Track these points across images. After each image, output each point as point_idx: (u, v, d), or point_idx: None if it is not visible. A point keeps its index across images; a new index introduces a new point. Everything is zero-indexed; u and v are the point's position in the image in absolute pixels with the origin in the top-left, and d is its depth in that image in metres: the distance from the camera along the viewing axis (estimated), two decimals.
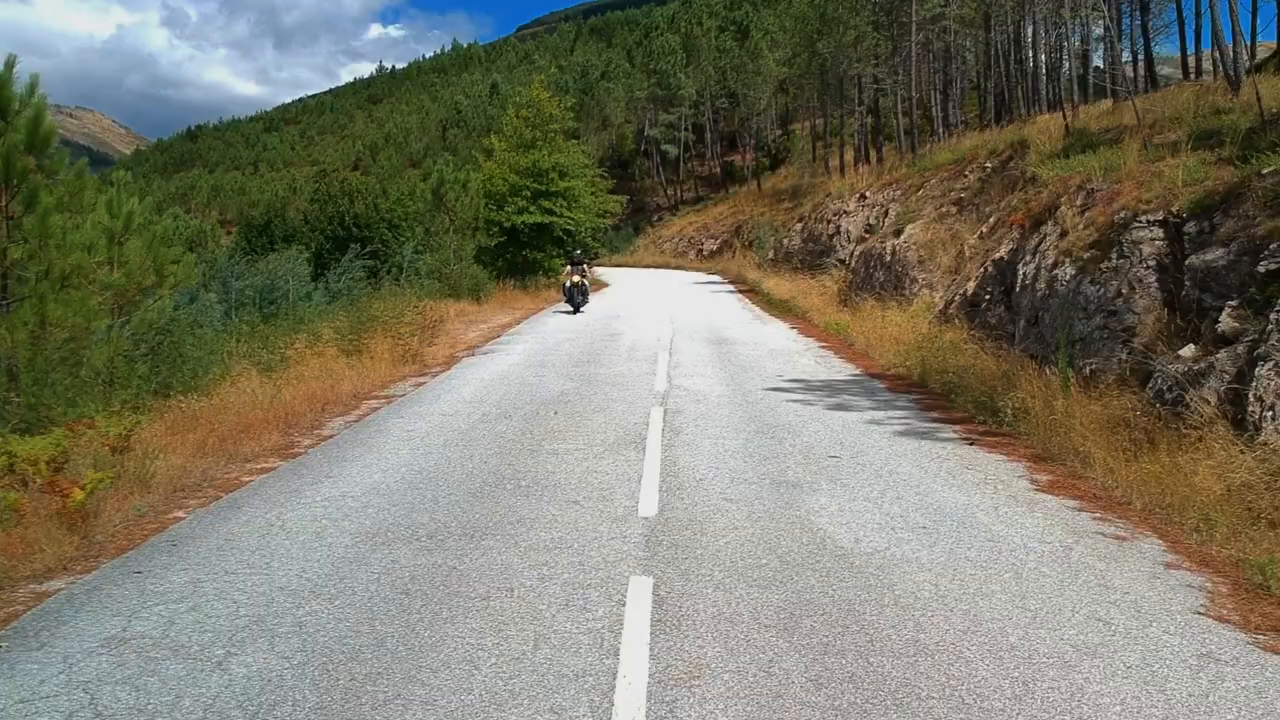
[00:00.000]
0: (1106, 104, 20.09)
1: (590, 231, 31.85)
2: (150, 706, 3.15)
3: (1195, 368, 6.88)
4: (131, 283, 9.53)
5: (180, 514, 5.49)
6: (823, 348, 13.36)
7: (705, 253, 47.65)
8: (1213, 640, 3.60)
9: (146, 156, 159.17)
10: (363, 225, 32.83)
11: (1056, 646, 3.53)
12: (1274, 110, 10.67)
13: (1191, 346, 7.18)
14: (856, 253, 19.42)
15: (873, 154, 33.80)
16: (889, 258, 16.79)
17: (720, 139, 64.58)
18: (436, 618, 3.86)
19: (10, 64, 9.22)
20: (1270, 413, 5.97)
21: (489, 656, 3.49)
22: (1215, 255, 7.46)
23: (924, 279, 15.40)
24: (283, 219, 48.63)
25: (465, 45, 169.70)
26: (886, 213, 19.50)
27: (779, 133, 61.21)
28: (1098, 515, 5.25)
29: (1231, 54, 15.72)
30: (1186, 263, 7.75)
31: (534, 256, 27.07)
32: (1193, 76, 23.10)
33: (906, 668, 3.36)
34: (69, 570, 4.57)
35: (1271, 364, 6.15)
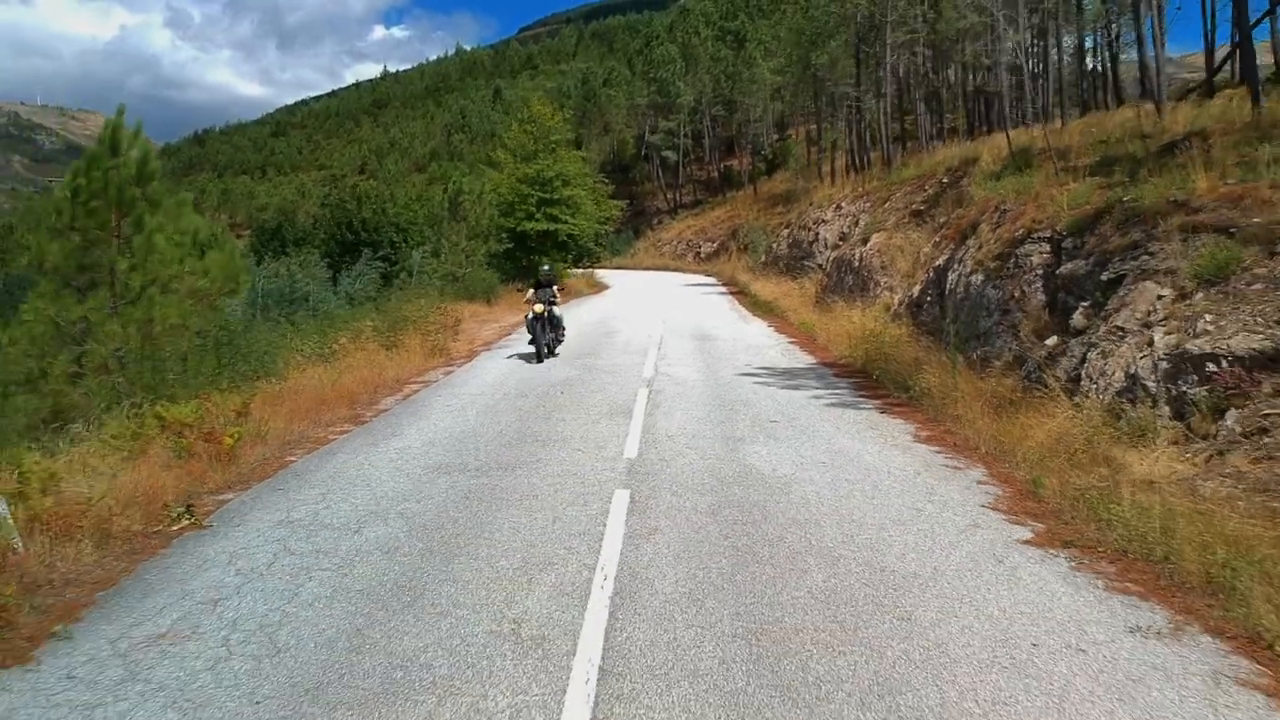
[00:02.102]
0: (1059, 124, 22.18)
1: (593, 236, 34.04)
2: (321, 549, 5.25)
3: (1053, 354, 8.96)
4: (214, 288, 11.64)
5: (292, 458, 7.59)
6: (790, 343, 15.44)
7: (703, 255, 49.64)
8: (982, 518, 5.68)
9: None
10: (371, 229, 34.74)
11: (879, 520, 5.62)
12: (1179, 134, 12.74)
13: (1054, 338, 9.25)
14: (831, 258, 21.49)
15: (859, 160, 35.83)
16: (857, 263, 18.86)
17: (719, 144, 66.63)
18: (490, 509, 5.95)
19: (121, 111, 11.40)
20: (1094, 386, 8.05)
21: (525, 527, 5.58)
22: (1078, 265, 9.53)
23: (885, 283, 17.46)
24: (293, 223, 50.32)
25: (469, 49, 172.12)
26: (857, 222, 21.56)
27: (775, 138, 63.21)
28: (950, 456, 7.34)
29: (1156, 83, 17.80)
30: (1058, 271, 9.83)
31: (540, 261, 29.17)
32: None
33: (783, 529, 5.45)
34: (231, 489, 6.67)
35: (1098, 350, 8.22)
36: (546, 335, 13.46)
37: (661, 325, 18.34)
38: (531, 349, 13.47)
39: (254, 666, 3.85)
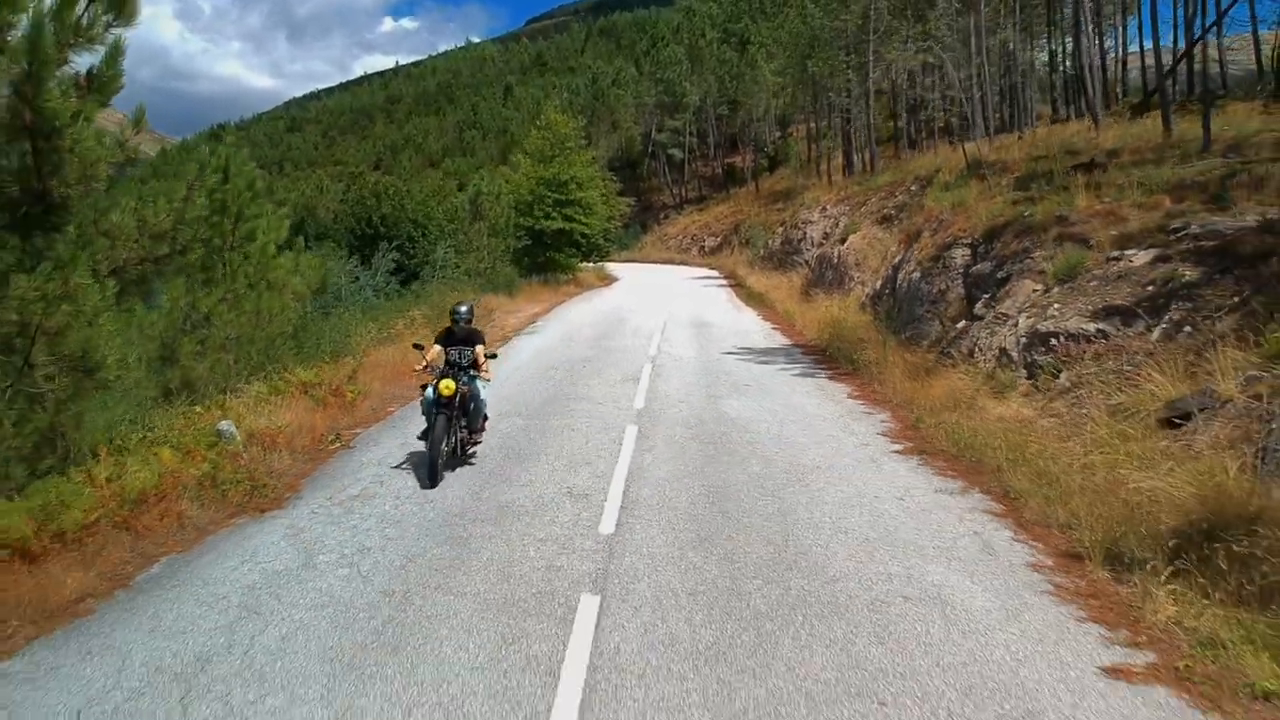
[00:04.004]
0: (1017, 136, 24.83)
1: (603, 233, 36.83)
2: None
3: (960, 334, 11.69)
4: (307, 287, 14.45)
5: (393, 409, 10.43)
6: (773, 329, 18.21)
7: (707, 249, 52.25)
8: (873, 440, 8.47)
9: (172, 156, 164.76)
10: (390, 224, 37.17)
11: (804, 442, 8.41)
12: (1103, 150, 15.43)
13: (963, 322, 11.98)
14: (815, 255, 24.20)
15: (850, 161, 38.50)
16: (836, 260, 21.57)
17: (723, 141, 69.19)
18: (543, 437, 8.77)
19: (229, 143, 14.16)
20: (982, 356, 10.79)
21: (567, 446, 8.39)
22: (984, 266, 12.26)
23: (858, 278, 20.17)
24: (314, 218, 52.81)
25: (477, 42, 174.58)
26: (838, 224, 24.25)
27: (777, 135, 65.73)
28: (869, 406, 10.12)
29: (1093, 101, 20.43)
30: (971, 270, 12.55)
31: (555, 257, 32.01)
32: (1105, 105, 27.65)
33: (740, 446, 8.24)
34: (358, 426, 9.51)
35: (987, 331, 10.96)
36: (454, 434, 7.57)
37: (666, 315, 21.07)
38: (421, 445, 7.63)
39: (418, 508, 6.67)
